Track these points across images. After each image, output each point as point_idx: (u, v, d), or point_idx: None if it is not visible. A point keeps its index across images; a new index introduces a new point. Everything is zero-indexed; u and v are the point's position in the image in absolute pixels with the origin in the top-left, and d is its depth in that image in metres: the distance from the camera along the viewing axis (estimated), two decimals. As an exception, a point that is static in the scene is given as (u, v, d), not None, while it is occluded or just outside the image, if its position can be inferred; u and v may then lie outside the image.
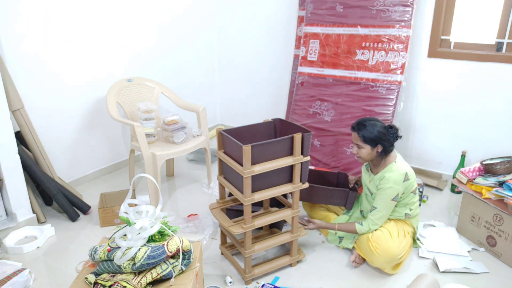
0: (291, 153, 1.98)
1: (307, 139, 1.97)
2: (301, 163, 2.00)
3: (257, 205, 2.47)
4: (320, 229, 2.45)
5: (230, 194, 2.75)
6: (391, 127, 2.15)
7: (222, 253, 2.34)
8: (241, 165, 1.87)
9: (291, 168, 2.00)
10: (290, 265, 2.23)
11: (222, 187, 2.23)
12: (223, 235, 2.31)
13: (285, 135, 2.16)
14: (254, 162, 1.89)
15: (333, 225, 2.24)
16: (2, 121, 2.34)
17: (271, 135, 2.27)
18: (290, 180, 2.04)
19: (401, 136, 2.19)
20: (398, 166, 2.13)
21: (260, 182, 1.95)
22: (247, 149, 1.82)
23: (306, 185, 2.07)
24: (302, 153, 1.99)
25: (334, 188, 2.38)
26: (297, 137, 1.93)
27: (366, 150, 2.12)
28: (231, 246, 2.33)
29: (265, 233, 2.45)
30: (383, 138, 2.09)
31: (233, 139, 1.92)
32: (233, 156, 1.98)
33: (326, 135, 3.08)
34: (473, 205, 2.38)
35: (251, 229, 1.99)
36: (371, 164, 2.27)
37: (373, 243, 2.11)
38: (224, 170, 2.14)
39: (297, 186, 2.03)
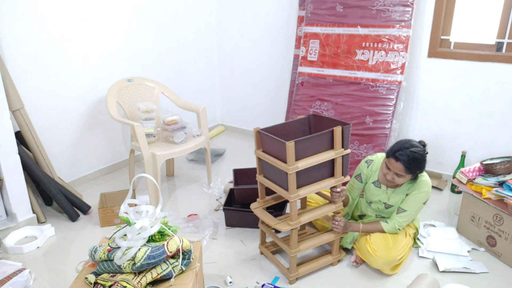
0: (331, 147, 1.99)
1: (346, 131, 1.98)
2: (342, 156, 2.00)
3: (275, 209, 2.47)
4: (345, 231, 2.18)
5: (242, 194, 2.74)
6: (424, 145, 2.01)
7: (261, 253, 2.33)
8: (284, 161, 1.87)
9: (331, 162, 2.01)
10: (331, 264, 2.23)
11: (262, 186, 2.22)
12: (263, 234, 2.31)
13: (320, 130, 2.15)
14: (296, 158, 1.89)
15: (357, 225, 2.17)
16: (2, 121, 2.34)
17: (306, 131, 2.26)
18: (331, 174, 2.05)
19: (428, 152, 2.04)
20: (426, 178, 2.10)
21: (303, 178, 1.95)
22: (291, 145, 1.81)
23: (348, 178, 2.07)
24: (342, 146, 1.99)
25: None
26: (337, 130, 1.94)
27: (406, 179, 2.01)
28: (272, 245, 2.33)
29: (301, 232, 2.44)
30: (424, 164, 1.98)
31: (274, 137, 1.91)
32: (274, 154, 1.97)
33: (326, 135, 3.08)
34: (473, 205, 2.38)
35: (297, 225, 1.99)
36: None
37: (372, 245, 2.11)
38: (264, 169, 2.12)
39: (339, 179, 2.04)
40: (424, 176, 2.08)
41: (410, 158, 1.92)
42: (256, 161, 2.14)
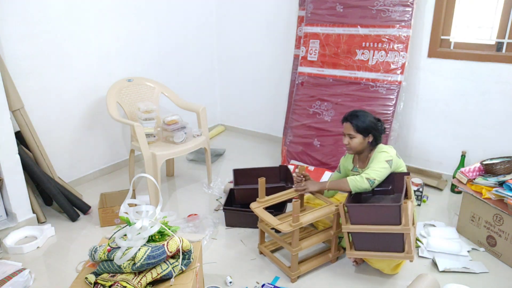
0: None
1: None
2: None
3: (275, 209, 2.47)
4: (312, 191, 2.29)
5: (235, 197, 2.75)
6: (379, 120, 2.22)
7: (260, 252, 2.34)
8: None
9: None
10: (331, 261, 2.24)
11: (262, 186, 2.24)
12: (262, 234, 2.32)
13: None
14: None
15: (323, 184, 2.25)
16: (2, 121, 2.34)
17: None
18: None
19: (385, 129, 2.27)
20: (384, 145, 2.22)
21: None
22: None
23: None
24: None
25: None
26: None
27: (358, 140, 2.16)
28: (271, 244, 2.34)
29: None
30: (374, 128, 2.16)
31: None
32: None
33: (326, 135, 3.08)
34: (473, 205, 2.38)
35: (299, 227, 2.00)
36: (359, 162, 2.29)
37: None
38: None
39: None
40: (380, 145, 2.21)
41: (358, 117, 2.14)
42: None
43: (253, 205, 2.23)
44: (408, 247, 1.95)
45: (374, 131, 2.16)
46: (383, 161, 2.12)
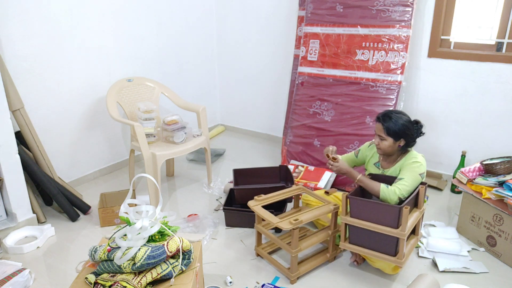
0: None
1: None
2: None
3: (274, 208, 2.47)
4: (341, 173, 2.18)
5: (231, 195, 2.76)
6: (417, 122, 2.11)
7: (257, 255, 2.31)
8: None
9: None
10: (328, 260, 2.24)
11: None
12: (259, 236, 2.28)
13: None
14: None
15: (355, 173, 2.13)
16: (2, 121, 2.34)
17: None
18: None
19: (424, 133, 2.14)
20: (417, 153, 2.15)
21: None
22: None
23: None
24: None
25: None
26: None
27: (388, 143, 2.08)
28: (268, 246, 2.32)
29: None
30: (407, 132, 2.06)
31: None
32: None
33: (326, 135, 3.08)
34: (473, 205, 2.38)
35: (299, 225, 1.98)
36: (384, 161, 2.22)
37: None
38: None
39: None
40: (417, 154, 2.13)
41: (391, 119, 2.05)
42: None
43: (251, 203, 2.21)
44: (400, 253, 1.93)
45: (406, 136, 2.06)
46: (417, 175, 2.04)
